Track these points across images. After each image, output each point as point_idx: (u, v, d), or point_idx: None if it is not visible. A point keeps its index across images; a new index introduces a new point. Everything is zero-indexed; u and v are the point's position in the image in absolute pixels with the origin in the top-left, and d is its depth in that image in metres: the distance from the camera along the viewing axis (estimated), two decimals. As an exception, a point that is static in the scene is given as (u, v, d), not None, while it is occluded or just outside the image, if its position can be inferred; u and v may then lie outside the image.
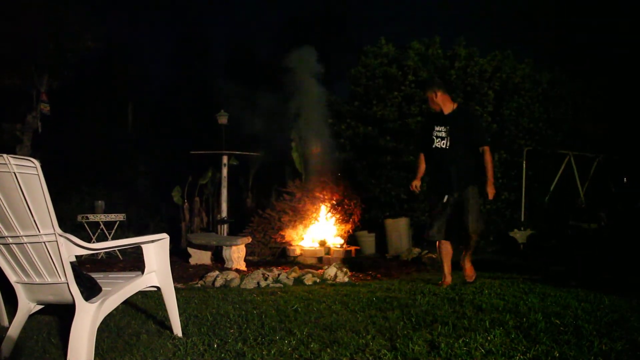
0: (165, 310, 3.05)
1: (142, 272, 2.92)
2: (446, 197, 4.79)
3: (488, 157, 4.73)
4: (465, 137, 4.77)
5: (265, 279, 5.15)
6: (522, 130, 9.39)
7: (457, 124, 4.80)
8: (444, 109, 4.87)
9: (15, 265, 2.66)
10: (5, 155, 2.34)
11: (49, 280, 2.56)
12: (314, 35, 15.46)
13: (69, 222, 8.91)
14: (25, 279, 2.67)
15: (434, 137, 4.86)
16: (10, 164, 2.35)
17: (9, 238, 2.55)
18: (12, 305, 3.55)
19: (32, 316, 2.89)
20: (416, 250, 7.44)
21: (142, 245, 2.91)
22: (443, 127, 4.83)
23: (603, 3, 12.98)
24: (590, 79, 10.73)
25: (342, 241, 7.68)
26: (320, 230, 7.69)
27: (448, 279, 4.96)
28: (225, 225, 8.19)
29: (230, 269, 6.04)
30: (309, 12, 18.43)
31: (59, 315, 3.52)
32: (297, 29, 17.50)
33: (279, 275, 5.34)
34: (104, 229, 7.86)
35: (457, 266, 5.07)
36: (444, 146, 4.81)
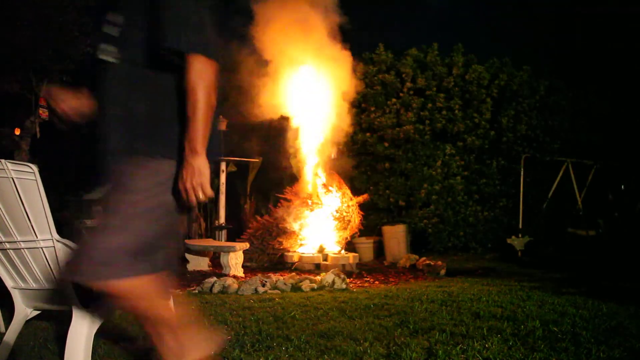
0: (163, 317, 3.04)
1: (140, 278, 2.91)
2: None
3: (194, 77, 1.81)
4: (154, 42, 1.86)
5: (263, 285, 5.14)
6: (520, 137, 9.42)
7: (138, 8, 1.91)
8: None
9: (12, 271, 2.65)
10: (3, 161, 2.34)
11: (46, 286, 2.56)
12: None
13: (66, 228, 8.89)
14: (22, 285, 2.66)
15: (101, 37, 1.98)
16: (8, 169, 2.35)
17: (7, 243, 2.55)
18: (8, 310, 3.54)
19: (28, 322, 2.88)
20: (414, 257, 7.44)
21: (140, 251, 2.90)
22: (116, 18, 1.96)
23: (600, 11, 13.07)
24: (586, 86, 10.79)
25: (340, 248, 7.67)
26: (318, 237, 7.69)
27: None
28: (223, 232, 8.18)
29: (227, 275, 6.03)
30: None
31: (55, 321, 3.51)
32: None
33: (276, 281, 5.33)
34: (102, 234, 7.82)
35: (454, 272, 5.09)
36: (108, 58, 1.95)
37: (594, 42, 13.04)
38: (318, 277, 5.64)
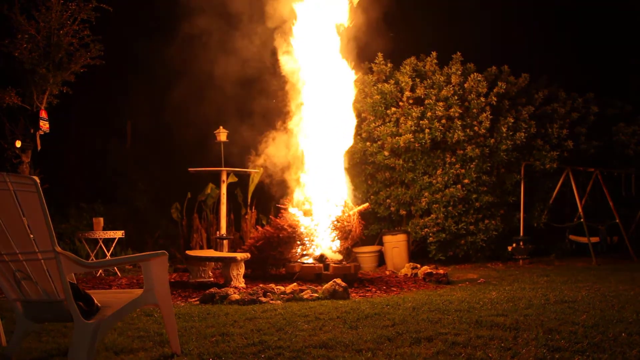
0: (164, 327, 3.04)
1: (141, 290, 2.91)
2: None
3: None
4: None
5: (265, 296, 5.13)
6: (520, 145, 9.43)
7: None
8: None
9: (13, 283, 2.65)
10: (3, 174, 2.35)
11: (48, 298, 2.55)
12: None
13: (67, 240, 8.90)
14: (24, 297, 2.66)
15: None
16: (9, 182, 2.36)
17: (7, 256, 2.55)
18: (10, 323, 3.54)
19: (30, 335, 2.88)
20: (415, 266, 7.43)
21: (141, 263, 2.91)
22: None
23: (598, 18, 13.15)
24: (584, 93, 10.84)
25: (341, 257, 7.66)
26: (319, 247, 7.68)
27: None
28: (225, 242, 8.17)
29: (229, 286, 6.02)
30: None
31: (57, 334, 3.50)
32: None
33: (277, 291, 5.32)
34: (103, 246, 7.84)
35: (456, 281, 5.08)
36: None
37: (593, 47, 13.11)
38: (319, 287, 5.63)
